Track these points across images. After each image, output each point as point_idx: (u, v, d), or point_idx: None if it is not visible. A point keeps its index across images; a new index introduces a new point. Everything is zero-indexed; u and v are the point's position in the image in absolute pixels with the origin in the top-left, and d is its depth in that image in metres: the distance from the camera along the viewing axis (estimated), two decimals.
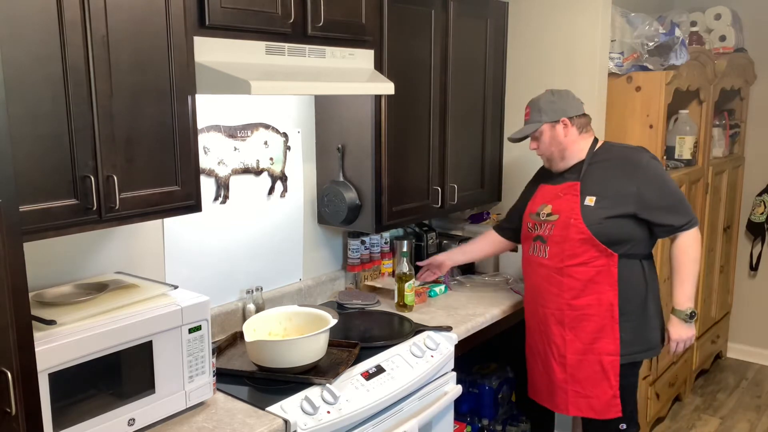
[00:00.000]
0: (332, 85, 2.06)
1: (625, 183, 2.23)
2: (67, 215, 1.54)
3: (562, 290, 2.30)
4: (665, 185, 2.25)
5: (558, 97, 2.34)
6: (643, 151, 2.30)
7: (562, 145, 2.32)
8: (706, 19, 3.88)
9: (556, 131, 2.31)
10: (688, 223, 2.24)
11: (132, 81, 1.63)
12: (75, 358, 1.52)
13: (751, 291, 4.33)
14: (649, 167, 2.24)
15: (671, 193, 2.25)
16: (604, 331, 2.27)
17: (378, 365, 2.12)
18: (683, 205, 2.26)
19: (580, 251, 2.25)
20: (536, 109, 2.35)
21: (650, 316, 2.30)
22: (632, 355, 2.29)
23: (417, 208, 2.68)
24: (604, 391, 2.31)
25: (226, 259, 2.36)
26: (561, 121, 2.30)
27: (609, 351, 2.28)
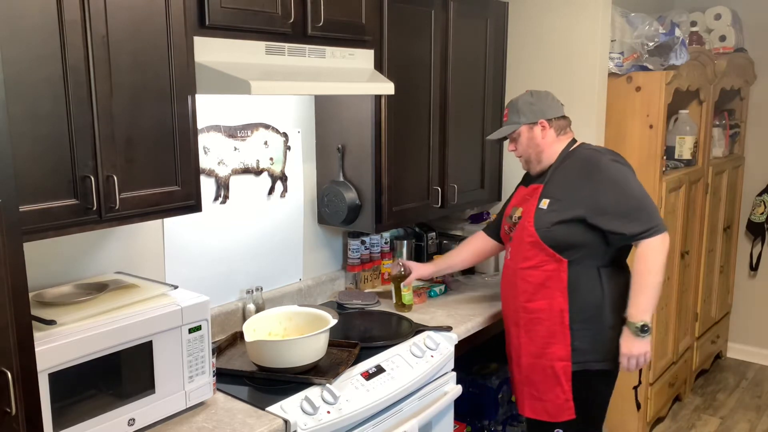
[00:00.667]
0: (332, 85, 2.06)
1: (580, 186, 2.15)
2: (67, 215, 1.54)
3: (517, 292, 2.27)
4: (623, 190, 2.12)
5: (537, 99, 2.28)
6: (606, 154, 2.22)
7: (539, 147, 2.27)
8: (706, 19, 3.88)
9: (534, 133, 2.26)
10: (645, 232, 2.08)
11: (132, 81, 1.63)
12: (75, 358, 1.52)
13: (751, 291, 4.34)
14: (607, 170, 2.14)
15: (629, 199, 2.11)
16: (556, 336, 2.21)
17: (378, 365, 2.12)
18: (643, 212, 2.10)
19: (531, 254, 2.21)
20: (514, 110, 2.30)
21: (607, 326, 2.19)
22: (587, 363, 2.21)
23: (417, 208, 2.68)
24: (557, 395, 2.26)
25: (226, 259, 2.36)
26: (539, 123, 2.25)
27: (560, 356, 2.22)
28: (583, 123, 2.96)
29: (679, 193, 3.33)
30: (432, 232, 3.07)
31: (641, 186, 2.16)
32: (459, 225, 3.25)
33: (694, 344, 3.89)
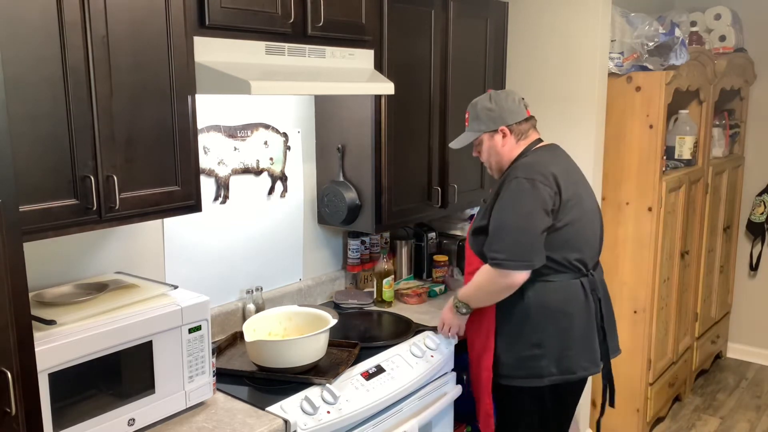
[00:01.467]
0: (332, 85, 2.06)
1: (493, 197, 2.11)
2: (67, 215, 1.54)
3: None
4: (505, 210, 2.03)
5: (496, 103, 2.17)
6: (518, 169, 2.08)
7: (499, 155, 2.20)
8: (706, 19, 3.88)
9: (495, 141, 2.19)
10: (490, 259, 2.01)
11: (132, 81, 1.63)
12: (75, 358, 1.52)
13: (751, 291, 4.34)
14: (510, 186, 2.05)
15: (497, 220, 2.03)
16: (486, 346, 2.16)
17: (378, 365, 2.12)
18: (497, 239, 2.01)
19: (472, 260, 2.19)
20: (474, 116, 2.22)
21: (529, 343, 2.09)
22: (511, 378, 2.13)
23: (417, 208, 2.68)
24: (482, 406, 2.22)
25: (226, 259, 2.36)
26: (500, 131, 2.17)
27: (486, 366, 2.16)
28: (583, 123, 2.96)
29: (679, 193, 3.33)
30: (432, 232, 3.07)
31: (523, 215, 2.00)
32: (459, 225, 3.25)
33: (694, 344, 3.89)
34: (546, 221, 2.01)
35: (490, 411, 2.20)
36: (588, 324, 2.14)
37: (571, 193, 2.08)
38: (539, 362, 2.10)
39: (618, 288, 3.21)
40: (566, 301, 2.10)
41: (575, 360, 2.11)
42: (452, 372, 2.38)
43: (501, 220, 2.03)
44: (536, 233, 1.99)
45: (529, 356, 2.10)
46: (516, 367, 2.12)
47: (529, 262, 2.00)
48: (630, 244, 3.17)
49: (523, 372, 2.12)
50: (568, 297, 2.10)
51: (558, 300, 2.09)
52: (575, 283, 2.11)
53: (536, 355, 2.10)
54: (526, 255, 1.99)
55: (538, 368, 2.10)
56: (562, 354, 2.10)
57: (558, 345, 2.10)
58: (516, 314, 2.10)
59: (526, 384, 2.13)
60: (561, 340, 2.10)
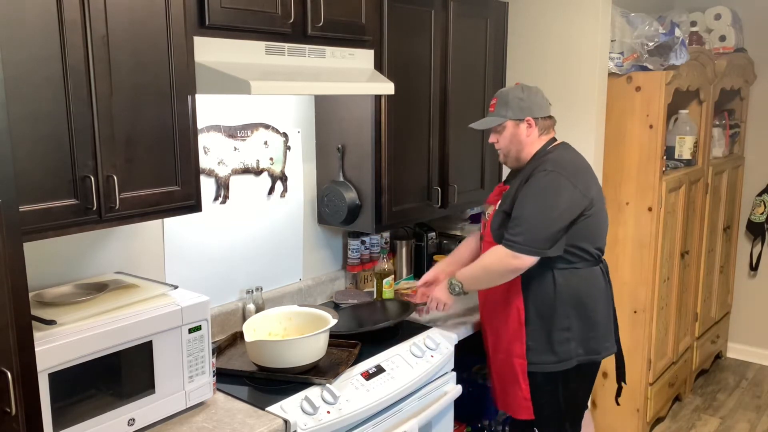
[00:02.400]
0: (332, 85, 2.06)
1: (519, 188, 2.18)
2: (67, 215, 1.54)
3: (486, 291, 2.32)
4: (534, 199, 2.12)
5: (527, 95, 2.26)
6: (549, 162, 2.17)
7: (521, 144, 2.25)
8: (706, 19, 3.88)
9: (519, 129, 2.25)
10: (506, 240, 2.11)
11: (132, 81, 1.63)
12: (75, 358, 1.52)
13: (751, 291, 4.34)
14: (537, 178, 2.14)
15: (521, 208, 2.12)
16: (516, 334, 2.24)
17: (378, 365, 2.12)
18: (518, 224, 2.10)
19: None
20: (503, 102, 2.27)
21: (557, 328, 2.20)
22: (542, 365, 2.22)
23: (417, 208, 2.68)
24: (516, 392, 2.29)
25: (226, 259, 2.36)
26: (525, 120, 2.24)
27: (518, 354, 2.25)
28: (583, 123, 2.96)
29: (679, 193, 3.33)
30: (432, 232, 3.07)
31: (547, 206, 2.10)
32: (459, 225, 3.25)
33: (694, 344, 3.89)
34: (570, 215, 2.12)
35: (527, 395, 2.27)
36: (607, 307, 2.30)
37: (595, 189, 2.22)
38: (569, 345, 2.21)
39: (618, 288, 3.20)
40: (592, 287, 2.23)
41: (600, 341, 2.26)
42: (452, 372, 2.38)
43: (524, 208, 2.12)
44: (558, 226, 2.10)
45: (560, 340, 2.20)
46: (547, 353, 2.21)
47: (542, 250, 2.10)
48: (630, 244, 3.17)
49: (554, 357, 2.21)
50: (593, 283, 2.24)
51: (585, 286, 2.22)
52: (597, 269, 2.26)
53: (567, 338, 2.21)
54: (541, 243, 2.09)
55: (567, 351, 2.21)
56: (588, 336, 2.23)
57: (585, 328, 2.22)
58: (547, 302, 2.20)
59: (557, 368, 2.22)
60: (587, 324, 2.22)
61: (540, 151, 2.25)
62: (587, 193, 2.16)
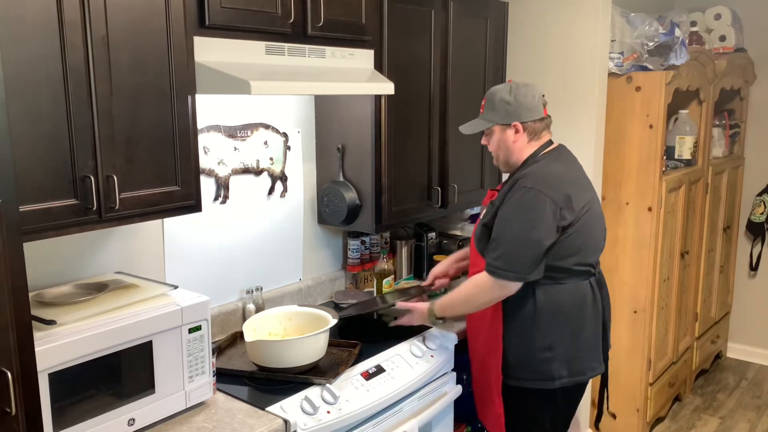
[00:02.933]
0: (332, 85, 2.06)
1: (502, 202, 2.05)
2: (67, 215, 1.54)
3: None
4: (511, 218, 1.99)
5: (515, 97, 2.09)
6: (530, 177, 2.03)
7: (508, 150, 2.13)
8: (706, 19, 3.88)
9: (506, 135, 2.12)
10: (491, 266, 1.99)
11: (132, 81, 1.63)
12: (75, 358, 1.52)
13: (751, 291, 4.34)
14: (516, 194, 2.00)
15: (498, 229, 2.01)
16: (493, 348, 2.12)
17: (378, 365, 2.12)
18: (497, 248, 1.99)
19: (477, 261, 2.15)
20: (490, 105, 2.14)
21: (537, 347, 2.06)
22: (522, 380, 2.10)
23: (417, 208, 2.68)
24: (490, 406, 2.20)
25: (226, 259, 2.36)
26: (513, 126, 2.10)
27: (494, 367, 2.13)
28: (583, 123, 2.96)
29: (679, 193, 3.33)
30: (432, 232, 3.07)
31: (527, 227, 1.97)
32: (459, 225, 3.25)
33: (694, 344, 3.89)
34: (551, 237, 1.97)
35: (500, 411, 2.17)
36: (595, 324, 2.14)
37: (583, 203, 2.05)
38: (550, 365, 2.07)
39: (618, 288, 3.21)
40: (577, 303, 2.08)
41: (585, 361, 2.11)
42: (452, 372, 2.38)
43: (505, 228, 2.00)
44: (538, 247, 1.96)
45: (541, 359, 2.07)
46: (526, 369, 2.09)
47: (523, 275, 1.98)
48: (630, 244, 3.17)
49: (534, 374, 2.09)
50: (578, 299, 2.08)
51: (569, 303, 2.07)
52: (585, 284, 2.10)
53: (547, 358, 2.06)
54: (522, 268, 1.97)
55: (549, 371, 2.07)
56: (573, 356, 2.08)
57: (569, 347, 2.08)
58: (526, 316, 2.07)
59: (537, 386, 2.09)
60: (572, 343, 2.08)
61: (530, 158, 2.11)
62: (570, 210, 2.00)
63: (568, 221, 2.00)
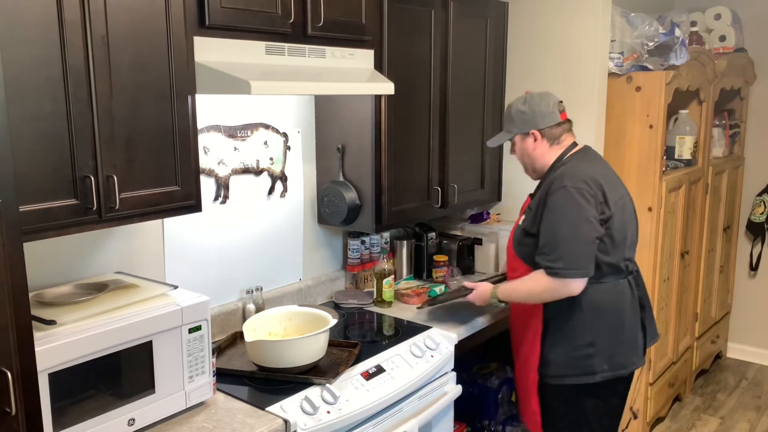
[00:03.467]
0: (332, 85, 2.06)
1: (540, 206, 2.12)
2: (67, 215, 1.54)
3: None
4: (550, 221, 2.07)
5: (530, 107, 2.19)
6: (567, 178, 2.08)
7: (531, 157, 2.24)
8: (706, 19, 3.88)
9: (526, 144, 2.23)
10: (552, 268, 2.04)
11: (132, 81, 1.63)
12: (75, 358, 1.52)
13: (751, 291, 4.33)
14: (554, 197, 2.07)
15: (549, 233, 2.06)
16: (532, 347, 2.23)
17: (378, 365, 2.12)
18: (553, 250, 2.04)
19: (515, 265, 2.26)
20: (508, 117, 2.28)
21: (582, 342, 2.13)
22: (562, 377, 2.17)
23: (417, 208, 2.68)
24: (528, 404, 2.30)
25: (226, 259, 2.36)
26: (531, 134, 2.20)
27: (532, 366, 2.23)
28: (583, 123, 2.96)
29: (679, 193, 3.33)
30: (432, 232, 3.07)
31: (576, 225, 2.03)
32: (459, 225, 3.25)
33: (694, 344, 3.89)
34: (597, 229, 2.05)
35: (536, 409, 2.26)
36: (634, 320, 2.21)
37: (616, 198, 2.13)
38: (592, 360, 2.14)
39: None
40: (616, 301, 2.15)
41: (626, 356, 2.18)
42: (452, 372, 2.38)
43: (554, 231, 2.06)
44: (589, 242, 2.04)
45: (582, 356, 2.14)
46: (568, 366, 2.16)
47: (586, 270, 2.05)
48: None
49: (575, 370, 2.16)
50: (618, 297, 2.16)
51: (609, 301, 2.14)
52: (623, 282, 2.17)
53: (589, 354, 2.14)
54: (583, 263, 2.04)
55: (591, 366, 2.14)
56: (614, 351, 2.15)
57: (609, 343, 2.15)
58: (568, 315, 2.14)
59: (578, 381, 2.16)
60: (612, 339, 2.15)
61: (556, 161, 2.20)
62: (606, 205, 2.09)
63: (607, 215, 2.09)
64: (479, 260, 3.16)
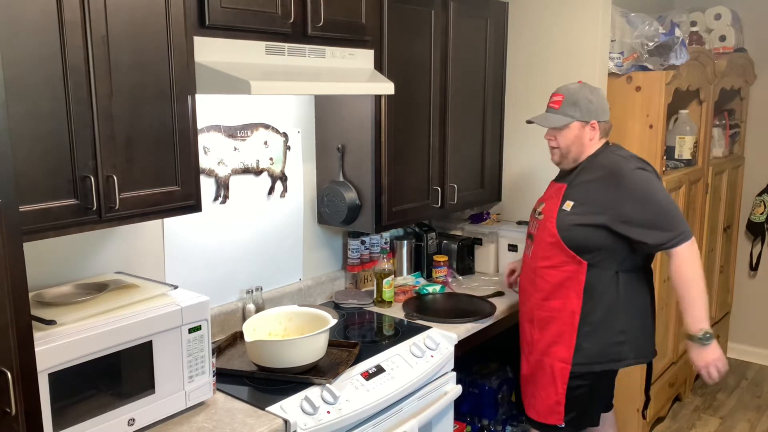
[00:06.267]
0: (332, 85, 2.06)
1: (605, 193, 2.15)
2: (67, 215, 1.54)
3: (535, 290, 2.31)
4: (648, 198, 2.11)
5: (596, 97, 2.25)
6: (631, 160, 2.20)
7: (583, 146, 2.25)
8: (706, 19, 3.88)
9: (585, 132, 2.24)
10: (669, 241, 2.09)
11: (132, 81, 1.63)
12: (75, 358, 1.52)
13: (751, 291, 4.33)
14: (632, 178, 2.13)
15: (654, 208, 2.11)
16: (563, 337, 2.24)
17: (378, 365, 2.12)
18: (667, 221, 2.10)
19: (551, 254, 2.23)
20: (571, 101, 2.24)
21: (616, 330, 2.21)
22: (590, 365, 2.23)
23: (417, 208, 2.68)
24: (549, 395, 2.29)
25: (226, 259, 2.36)
26: (591, 123, 2.23)
27: (562, 357, 2.25)
28: None
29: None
30: (432, 232, 3.07)
31: (666, 193, 2.17)
32: (459, 225, 3.25)
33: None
34: None
35: (561, 400, 2.27)
36: (653, 310, 2.32)
37: None
38: (622, 347, 2.22)
39: None
40: (646, 289, 2.27)
41: (648, 346, 2.30)
42: (452, 372, 2.38)
43: (652, 205, 2.10)
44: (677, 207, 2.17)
45: (614, 342, 2.21)
46: (599, 354, 2.22)
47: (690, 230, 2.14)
48: None
49: (604, 357, 2.23)
50: (647, 285, 2.28)
51: (641, 289, 2.25)
52: (650, 273, 2.31)
53: (620, 341, 2.22)
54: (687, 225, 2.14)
55: (619, 353, 2.22)
56: (641, 339, 2.26)
57: (637, 332, 2.24)
58: (607, 302, 2.19)
59: (604, 368, 2.24)
60: (640, 327, 2.25)
61: (598, 152, 2.25)
62: None
63: None
64: (479, 260, 3.16)
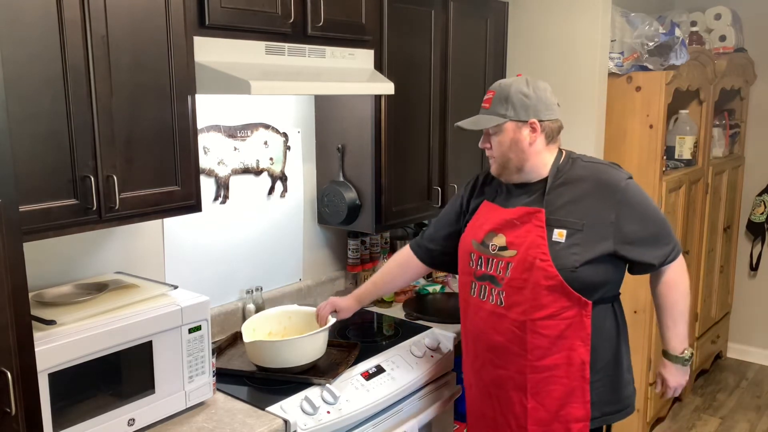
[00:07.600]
0: (332, 85, 2.06)
1: (602, 212, 1.75)
2: (67, 215, 1.54)
3: (525, 350, 1.79)
4: (646, 211, 1.79)
5: (534, 92, 1.79)
6: (618, 170, 1.84)
7: (524, 153, 1.80)
8: (706, 19, 3.88)
9: (521, 134, 1.79)
10: (669, 255, 1.81)
11: (132, 81, 1.63)
12: (75, 358, 1.52)
13: (751, 291, 4.34)
14: (627, 190, 1.78)
15: (653, 220, 1.80)
16: (574, 394, 1.79)
17: (378, 365, 2.12)
18: (665, 234, 1.81)
19: (548, 301, 1.75)
20: (502, 98, 1.81)
21: (624, 369, 1.88)
22: (604, 417, 1.85)
23: (417, 208, 2.68)
24: None
25: (226, 259, 2.36)
26: (529, 123, 1.79)
27: (578, 417, 1.80)
28: (583, 123, 2.96)
29: (679, 193, 3.33)
30: None
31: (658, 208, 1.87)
32: None
33: (694, 344, 3.88)
34: None
35: None
36: None
37: None
38: (630, 388, 1.91)
39: None
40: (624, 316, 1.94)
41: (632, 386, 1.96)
42: (452, 372, 2.38)
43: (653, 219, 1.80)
44: None
45: (625, 383, 1.88)
46: (609, 403, 1.85)
47: None
48: None
49: (619, 406, 1.88)
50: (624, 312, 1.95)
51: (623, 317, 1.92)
52: None
53: (628, 380, 1.90)
54: None
55: (629, 398, 1.90)
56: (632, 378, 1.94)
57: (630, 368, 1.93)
58: (611, 341, 1.84)
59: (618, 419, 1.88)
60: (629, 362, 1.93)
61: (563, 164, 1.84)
62: None
63: None
64: None
